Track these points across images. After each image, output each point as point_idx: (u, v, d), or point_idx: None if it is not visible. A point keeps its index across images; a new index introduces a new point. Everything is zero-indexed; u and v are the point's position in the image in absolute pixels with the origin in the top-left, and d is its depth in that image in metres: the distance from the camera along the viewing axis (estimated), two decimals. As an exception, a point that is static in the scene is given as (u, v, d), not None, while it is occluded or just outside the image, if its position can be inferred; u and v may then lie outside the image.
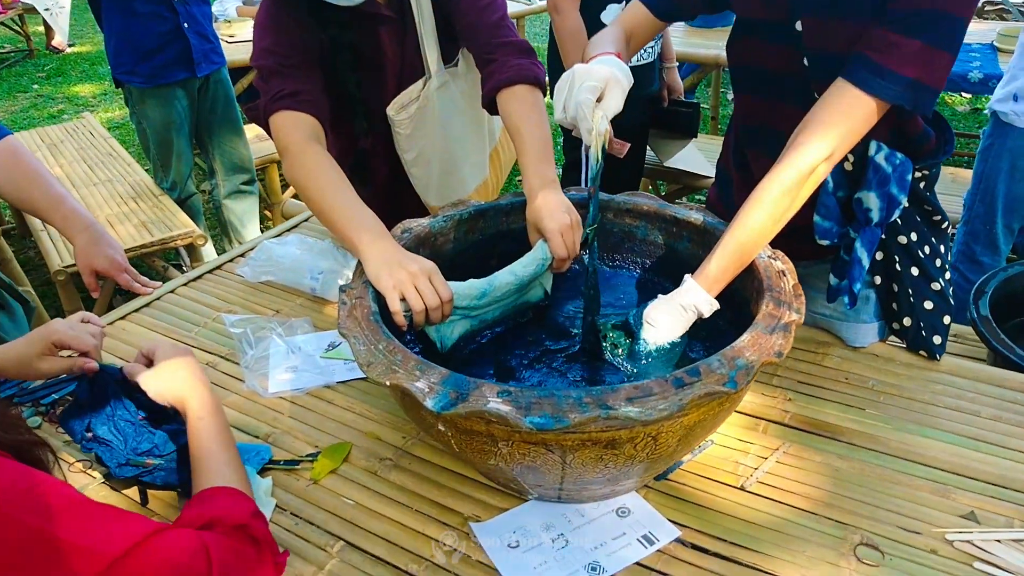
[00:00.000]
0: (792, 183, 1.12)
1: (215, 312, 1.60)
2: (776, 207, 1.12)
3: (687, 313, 1.14)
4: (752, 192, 1.15)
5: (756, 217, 1.13)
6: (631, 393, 0.89)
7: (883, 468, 1.15)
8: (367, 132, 1.57)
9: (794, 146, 1.13)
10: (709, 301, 1.13)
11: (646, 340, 1.15)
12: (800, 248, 1.30)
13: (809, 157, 1.11)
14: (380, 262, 1.12)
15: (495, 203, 1.35)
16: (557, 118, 1.13)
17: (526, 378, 1.16)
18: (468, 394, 0.91)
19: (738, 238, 1.13)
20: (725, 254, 1.14)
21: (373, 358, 0.98)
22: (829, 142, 1.11)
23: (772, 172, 1.13)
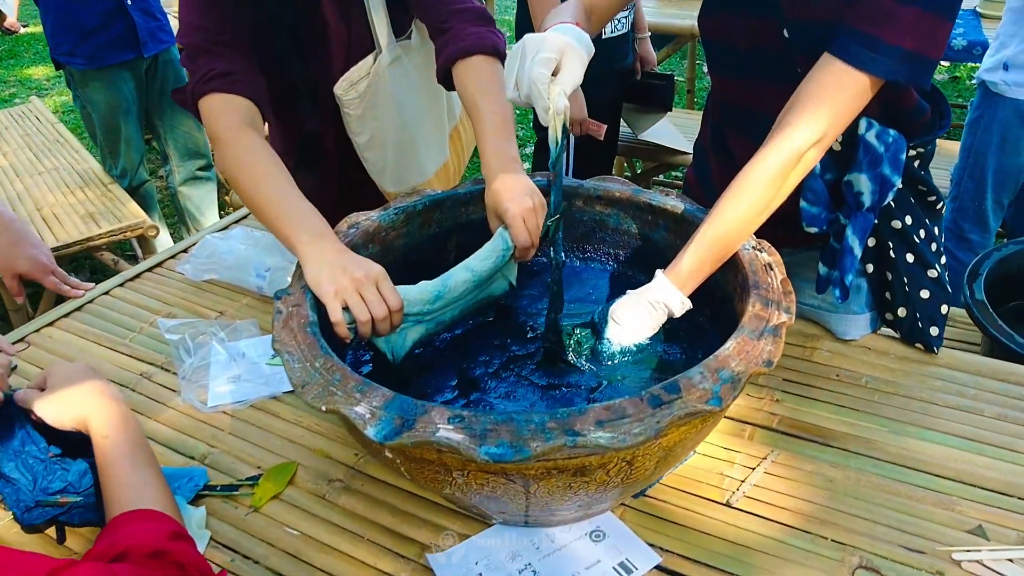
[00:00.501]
0: (778, 171, 1.00)
1: (153, 315, 1.47)
2: (759, 197, 1.01)
3: (656, 311, 1.03)
4: (734, 180, 1.03)
5: (737, 208, 1.01)
6: (601, 415, 0.77)
7: (881, 477, 1.05)
8: (313, 115, 1.43)
9: (780, 129, 1.01)
10: (681, 299, 1.02)
11: (611, 340, 1.03)
12: (785, 236, 1.19)
13: (796, 141, 1.00)
14: (320, 265, 0.99)
15: (452, 192, 1.23)
16: (509, 96, 1.00)
17: (492, 389, 1.04)
18: (415, 420, 0.79)
19: (716, 231, 1.02)
20: (701, 248, 1.02)
21: (308, 377, 0.86)
22: (818, 124, 1.00)
23: (756, 158, 1.02)
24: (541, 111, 0.96)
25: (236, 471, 1.12)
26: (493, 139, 1.13)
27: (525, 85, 0.97)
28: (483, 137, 1.14)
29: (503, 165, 1.10)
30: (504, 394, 1.02)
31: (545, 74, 0.96)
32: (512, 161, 1.12)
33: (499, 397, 1.02)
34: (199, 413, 1.23)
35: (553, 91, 0.96)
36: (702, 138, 1.41)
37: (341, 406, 0.81)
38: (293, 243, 1.03)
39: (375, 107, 1.42)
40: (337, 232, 1.13)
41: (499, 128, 1.14)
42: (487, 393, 1.03)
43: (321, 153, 1.49)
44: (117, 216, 2.61)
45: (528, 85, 0.96)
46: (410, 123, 1.49)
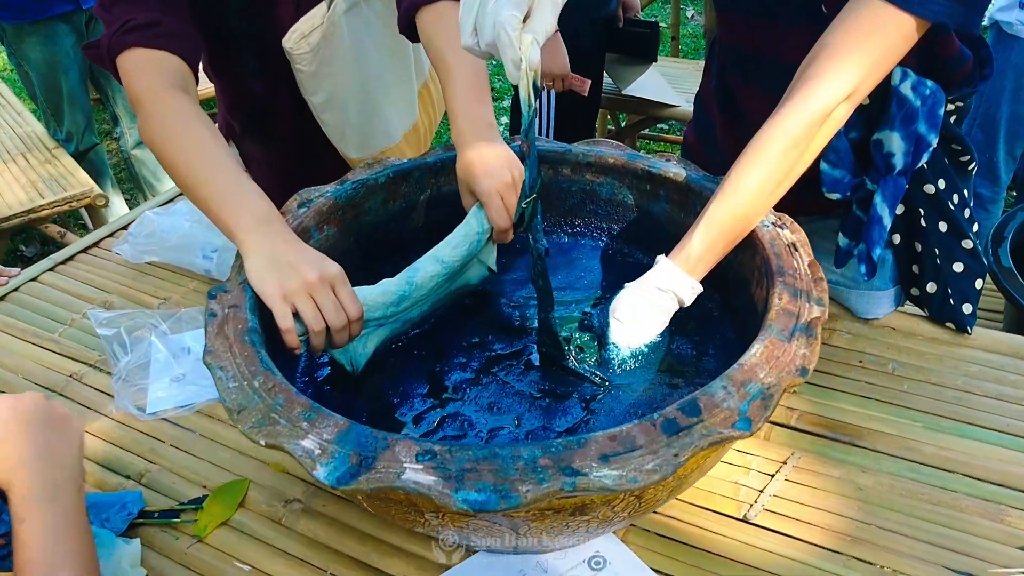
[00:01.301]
0: (801, 132, 0.84)
1: (87, 305, 1.30)
2: (780, 164, 0.85)
3: (664, 302, 0.88)
4: (748, 145, 0.87)
5: (753, 178, 0.86)
6: (606, 447, 0.63)
7: (918, 483, 0.92)
8: (260, 73, 1.25)
9: (803, 82, 0.85)
10: (691, 285, 0.87)
11: (616, 343, 0.89)
12: (800, 202, 1.04)
13: (824, 97, 0.84)
14: (265, 260, 0.83)
15: (420, 161, 1.06)
16: (465, 42, 0.79)
17: (470, 398, 0.89)
18: (375, 458, 0.64)
19: (729, 206, 0.87)
20: (712, 227, 0.87)
21: (246, 400, 0.70)
22: (850, 76, 0.83)
23: (774, 118, 0.86)
24: (509, 65, 0.77)
25: (178, 492, 0.97)
26: (464, 100, 0.96)
27: (488, 31, 0.76)
28: (452, 98, 0.97)
29: (476, 132, 0.94)
30: (486, 405, 0.87)
31: (516, 18, 0.76)
32: (487, 127, 0.95)
33: (479, 409, 0.87)
34: (136, 422, 1.07)
35: (525, 40, 0.76)
36: (703, 91, 1.24)
37: (284, 440, 0.66)
38: (232, 229, 0.87)
39: (331, 62, 1.24)
40: (285, 212, 0.97)
41: (471, 87, 0.97)
42: (465, 403, 0.88)
43: (272, 118, 1.31)
44: (62, 184, 2.41)
45: (492, 31, 0.75)
46: (372, 80, 1.31)
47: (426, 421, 0.86)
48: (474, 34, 0.78)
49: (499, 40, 0.75)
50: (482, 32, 0.76)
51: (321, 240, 0.99)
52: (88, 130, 2.72)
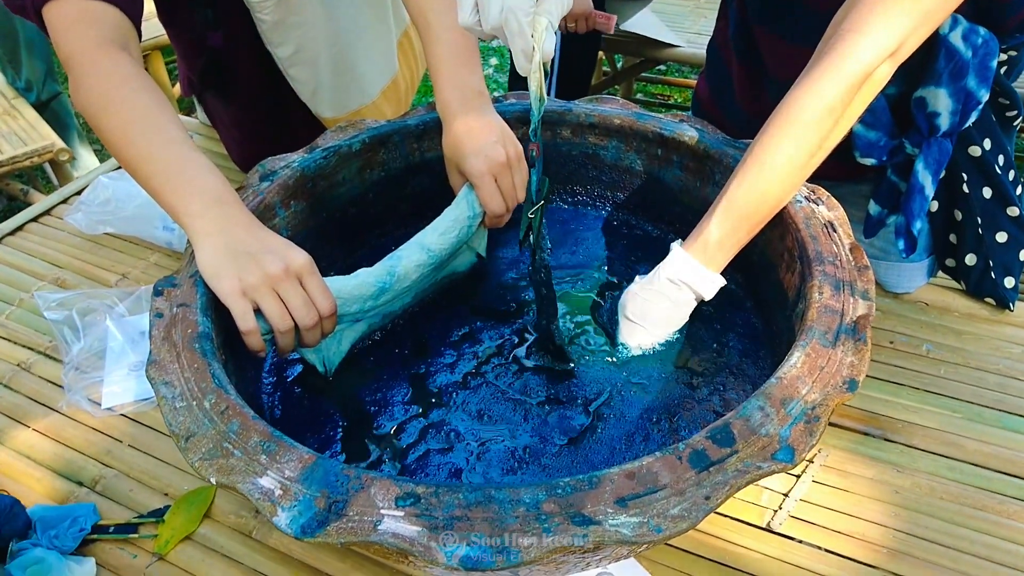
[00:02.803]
0: (837, 97, 0.72)
1: (37, 281, 1.18)
2: (813, 135, 0.73)
3: (679, 298, 0.77)
4: (776, 111, 0.75)
5: (783, 152, 0.74)
6: (623, 487, 0.52)
7: (960, 484, 0.83)
8: (215, 24, 1.10)
9: (839, 37, 0.72)
10: (710, 279, 0.76)
11: (627, 345, 0.78)
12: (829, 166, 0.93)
13: (864, 54, 0.71)
14: (218, 250, 0.71)
15: (400, 123, 0.93)
16: (464, 21, 0.65)
17: (457, 405, 0.78)
18: (347, 501, 0.53)
19: (754, 184, 0.75)
20: (733, 209, 0.75)
21: (195, 425, 0.60)
22: (896, 28, 0.70)
23: (807, 79, 0.73)
24: (519, 55, 0.63)
25: (136, 502, 0.87)
26: (450, 66, 0.83)
27: (494, 13, 0.63)
28: (437, 64, 0.84)
29: (465, 102, 0.81)
30: (475, 412, 0.77)
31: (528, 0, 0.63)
32: (476, 95, 0.82)
33: (468, 418, 0.76)
34: (90, 418, 0.96)
35: (539, 25, 0.63)
36: (718, 37, 1.11)
37: (239, 478, 0.55)
38: (178, 212, 0.74)
39: (298, 10, 1.09)
40: (246, 186, 0.85)
41: (458, 51, 0.83)
42: (451, 410, 0.77)
43: (233, 75, 1.17)
44: (22, 138, 2.25)
45: (499, 15, 0.63)
46: (345, 30, 1.17)
47: (407, 432, 0.75)
48: (475, 11, 0.65)
49: (508, 25, 0.63)
50: (486, 12, 0.64)
51: (288, 217, 0.87)
52: (49, 78, 2.55)
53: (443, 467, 0.72)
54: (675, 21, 2.65)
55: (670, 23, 2.63)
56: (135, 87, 0.81)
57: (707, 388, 0.78)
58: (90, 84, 0.81)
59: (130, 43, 0.86)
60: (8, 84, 2.51)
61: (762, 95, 0.99)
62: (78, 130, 2.72)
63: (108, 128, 0.79)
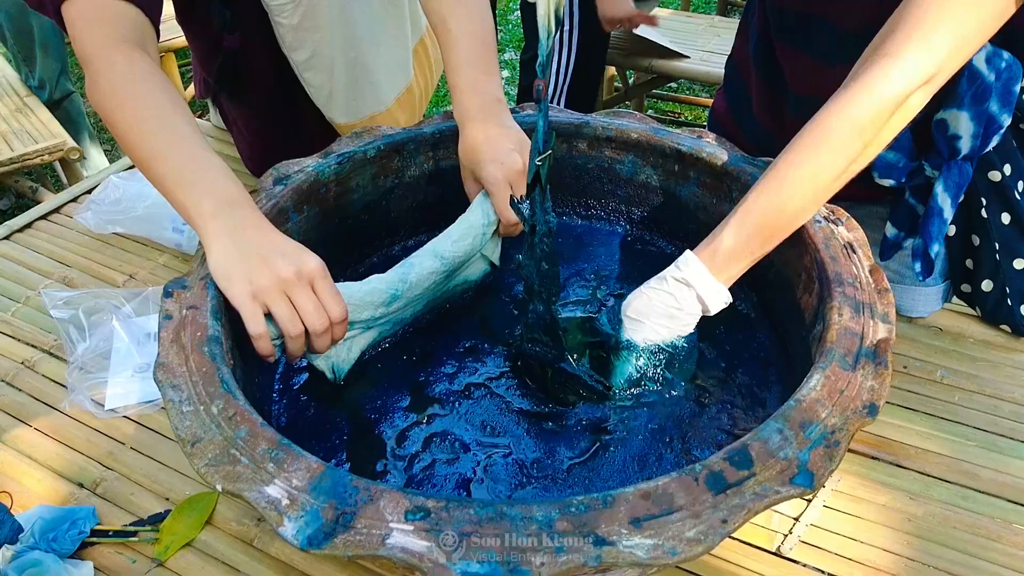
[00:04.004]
0: (869, 120, 0.70)
1: (44, 280, 1.17)
2: (840, 156, 0.72)
3: (684, 303, 0.75)
4: (805, 128, 0.74)
5: (807, 169, 0.72)
6: (638, 508, 0.51)
7: (974, 515, 0.81)
8: (233, 25, 1.10)
9: (876, 60, 0.71)
10: (717, 291, 0.75)
11: (632, 342, 0.76)
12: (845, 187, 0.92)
13: (900, 80, 0.69)
14: (230, 253, 0.70)
15: (416, 131, 0.93)
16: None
17: (460, 414, 0.77)
18: (355, 513, 0.52)
19: (773, 199, 0.73)
20: (749, 221, 0.74)
21: (202, 430, 0.59)
22: (934, 55, 0.69)
23: (840, 99, 0.72)
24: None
25: (137, 506, 0.86)
26: (468, 72, 0.82)
27: None
28: (455, 70, 0.83)
29: (483, 109, 0.81)
30: (478, 424, 0.75)
31: None
32: (495, 102, 0.82)
33: (476, 429, 0.75)
34: (93, 419, 0.95)
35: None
36: (738, 53, 1.10)
37: (245, 486, 0.54)
38: (191, 214, 0.73)
39: (315, 14, 1.09)
40: (260, 189, 0.84)
41: (476, 56, 0.83)
42: (456, 420, 0.76)
43: (248, 77, 1.17)
44: (34, 136, 2.25)
45: None
46: (362, 36, 1.16)
47: (414, 441, 0.74)
48: None
49: None
50: None
51: (300, 222, 0.86)
52: (63, 77, 2.56)
53: (450, 478, 0.71)
54: (688, 39, 2.66)
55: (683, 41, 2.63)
56: (151, 86, 0.80)
57: (718, 407, 0.77)
58: (106, 81, 0.80)
59: (148, 42, 0.85)
60: (22, 82, 2.52)
61: (782, 111, 0.98)
62: (89, 129, 2.73)
63: (122, 126, 0.79)
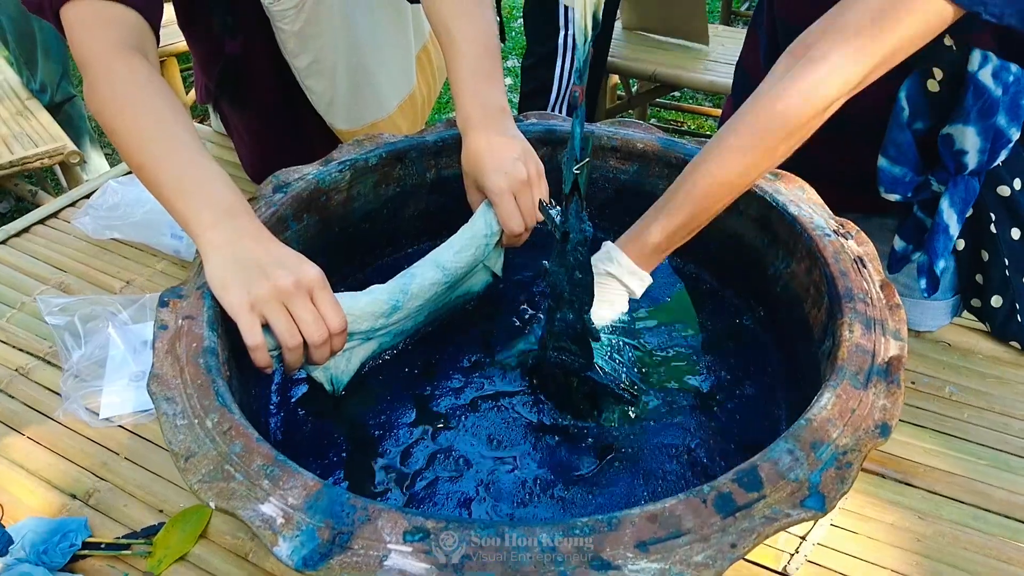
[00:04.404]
0: (798, 121, 0.73)
1: (40, 285, 1.16)
2: (767, 153, 0.75)
3: (611, 292, 0.80)
4: (734, 119, 0.76)
5: (737, 168, 0.75)
6: (644, 531, 0.50)
7: (985, 535, 0.80)
8: (235, 30, 1.09)
9: (809, 64, 0.73)
10: (639, 277, 0.79)
11: None
12: (850, 198, 0.91)
13: (831, 86, 0.72)
14: (228, 262, 0.69)
15: (418, 139, 0.91)
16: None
17: (468, 429, 0.75)
18: (352, 533, 0.50)
19: (701, 187, 0.77)
20: (676, 220, 0.78)
21: (196, 444, 0.57)
22: (863, 64, 0.72)
23: (769, 95, 0.74)
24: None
25: (130, 518, 0.84)
26: (472, 80, 0.81)
27: None
28: (458, 77, 0.82)
29: (486, 117, 0.79)
30: (485, 440, 0.74)
31: None
32: (498, 110, 0.80)
33: (478, 444, 0.74)
34: (87, 429, 0.94)
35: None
36: (747, 60, 1.09)
37: (239, 503, 0.52)
38: (188, 223, 0.72)
39: (318, 20, 1.08)
40: (259, 197, 0.83)
41: (480, 63, 0.82)
42: (460, 435, 0.74)
43: (250, 82, 1.16)
44: (34, 140, 2.24)
45: None
46: (365, 42, 1.15)
47: (414, 457, 0.73)
48: None
49: None
50: None
51: (299, 230, 0.85)
52: (64, 80, 2.55)
53: (452, 496, 0.70)
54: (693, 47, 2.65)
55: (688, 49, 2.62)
56: (150, 92, 0.79)
57: (725, 422, 0.75)
58: (104, 87, 0.79)
59: (148, 47, 0.84)
60: (23, 85, 2.51)
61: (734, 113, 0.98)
62: (90, 133, 2.72)
63: (121, 132, 0.77)
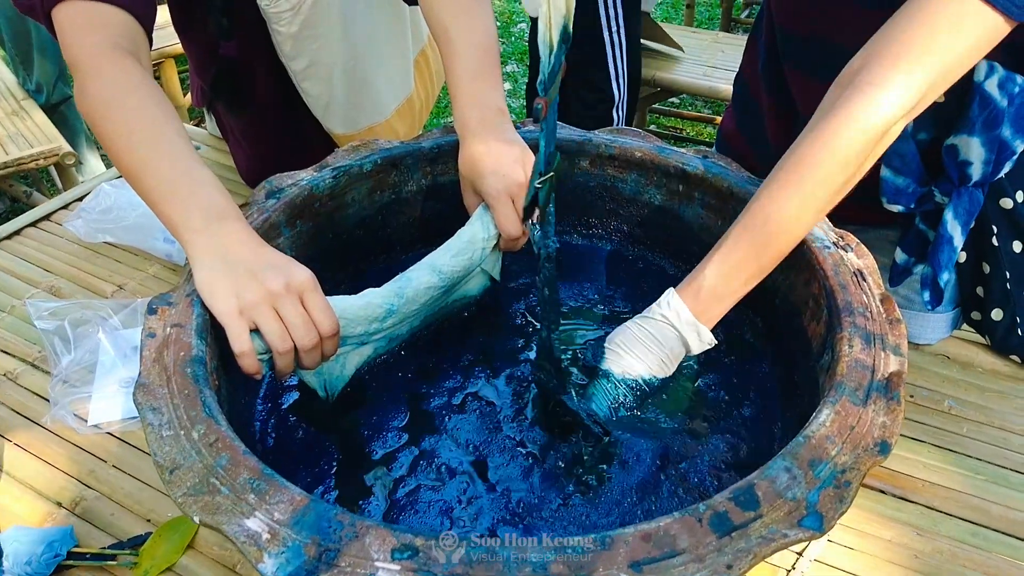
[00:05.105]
0: (854, 153, 0.69)
1: (31, 288, 1.14)
2: (825, 189, 0.71)
3: (665, 341, 0.74)
4: (786, 159, 0.72)
5: (792, 204, 0.71)
6: (638, 550, 0.48)
7: (983, 552, 0.79)
8: (231, 32, 1.08)
9: (859, 90, 0.69)
10: (699, 331, 0.73)
11: (611, 372, 0.74)
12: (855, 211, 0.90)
13: (885, 110, 0.68)
14: (217, 268, 0.67)
15: (414, 145, 0.90)
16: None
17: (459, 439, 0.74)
18: (339, 550, 0.49)
19: (757, 238, 0.72)
20: (732, 260, 0.73)
21: (181, 456, 0.56)
22: (918, 84, 0.68)
23: (823, 130, 0.70)
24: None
25: (117, 527, 0.83)
26: (470, 82, 0.80)
27: None
28: (456, 79, 0.81)
29: (484, 120, 0.78)
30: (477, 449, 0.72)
31: None
32: (497, 113, 0.79)
33: (469, 452, 0.72)
34: (75, 435, 0.92)
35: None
36: (747, 71, 1.08)
37: (224, 518, 0.51)
38: (177, 227, 0.71)
39: (315, 23, 1.07)
40: (251, 203, 0.82)
41: (478, 65, 0.81)
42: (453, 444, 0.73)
43: (246, 85, 1.15)
44: (29, 140, 2.22)
45: None
46: (362, 46, 1.14)
47: (407, 467, 0.72)
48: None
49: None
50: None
51: (293, 237, 0.83)
52: (60, 81, 2.53)
53: (443, 508, 0.68)
54: (693, 54, 2.64)
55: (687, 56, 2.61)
56: (141, 94, 0.78)
57: (720, 437, 0.74)
58: (94, 89, 0.78)
59: (140, 49, 0.83)
60: (19, 85, 2.50)
61: (795, 135, 0.96)
62: (86, 135, 2.71)
63: (110, 135, 0.76)
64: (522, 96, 3.41)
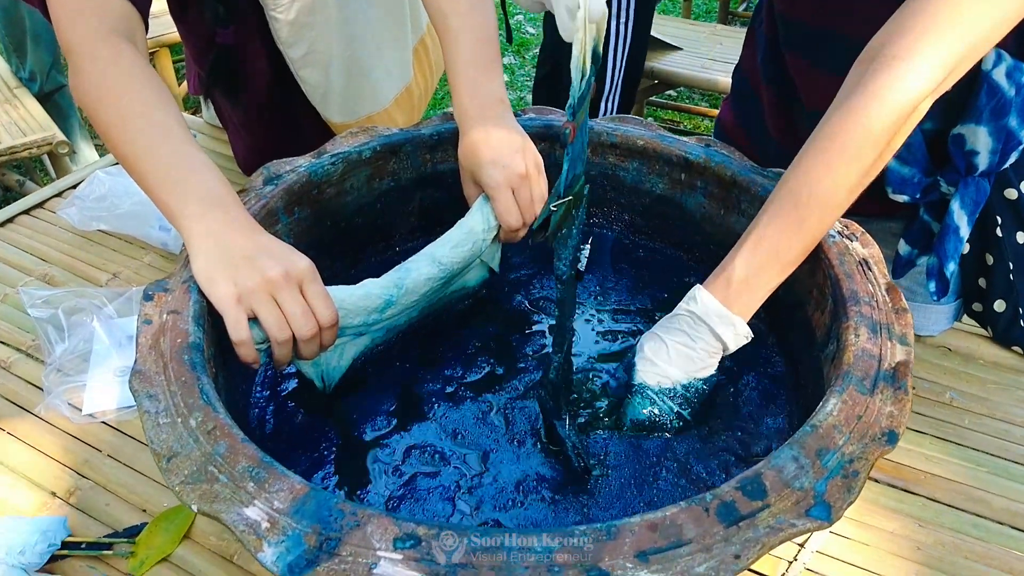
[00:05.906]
0: (884, 130, 0.67)
1: (24, 277, 1.13)
2: (856, 168, 0.68)
3: (698, 340, 0.71)
4: (813, 140, 0.70)
5: (823, 186, 0.68)
6: (644, 540, 0.48)
7: (985, 544, 0.78)
8: (227, 19, 1.06)
9: (886, 64, 0.67)
10: (733, 324, 0.70)
11: (645, 384, 0.72)
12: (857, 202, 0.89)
13: (915, 85, 0.65)
14: (214, 254, 0.66)
15: (414, 132, 0.89)
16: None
17: (459, 429, 0.73)
18: (340, 539, 0.48)
19: (788, 220, 0.69)
20: (764, 247, 0.70)
21: (178, 444, 0.55)
22: (947, 57, 0.65)
23: (851, 109, 0.68)
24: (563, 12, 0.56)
25: (112, 517, 0.82)
26: (469, 71, 0.79)
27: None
28: (455, 68, 0.80)
29: (484, 109, 0.77)
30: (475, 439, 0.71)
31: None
32: (497, 103, 0.78)
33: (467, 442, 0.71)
34: (69, 425, 0.91)
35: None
36: (746, 63, 1.07)
37: (223, 506, 0.50)
38: (174, 214, 0.70)
39: (312, 10, 1.06)
40: (249, 189, 0.80)
41: (478, 54, 0.79)
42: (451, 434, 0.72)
43: (243, 72, 1.13)
44: (22, 128, 2.21)
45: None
46: (361, 34, 1.13)
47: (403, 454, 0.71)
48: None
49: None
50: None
51: (291, 224, 0.82)
52: (54, 69, 2.51)
53: (443, 494, 0.68)
54: (690, 46, 2.64)
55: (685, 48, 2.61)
56: (137, 79, 0.76)
57: (725, 426, 0.73)
58: (89, 75, 0.76)
59: (136, 35, 0.82)
60: (12, 73, 2.48)
61: (796, 126, 0.95)
62: (80, 123, 2.68)
63: (106, 121, 0.75)
64: (519, 88, 3.40)
